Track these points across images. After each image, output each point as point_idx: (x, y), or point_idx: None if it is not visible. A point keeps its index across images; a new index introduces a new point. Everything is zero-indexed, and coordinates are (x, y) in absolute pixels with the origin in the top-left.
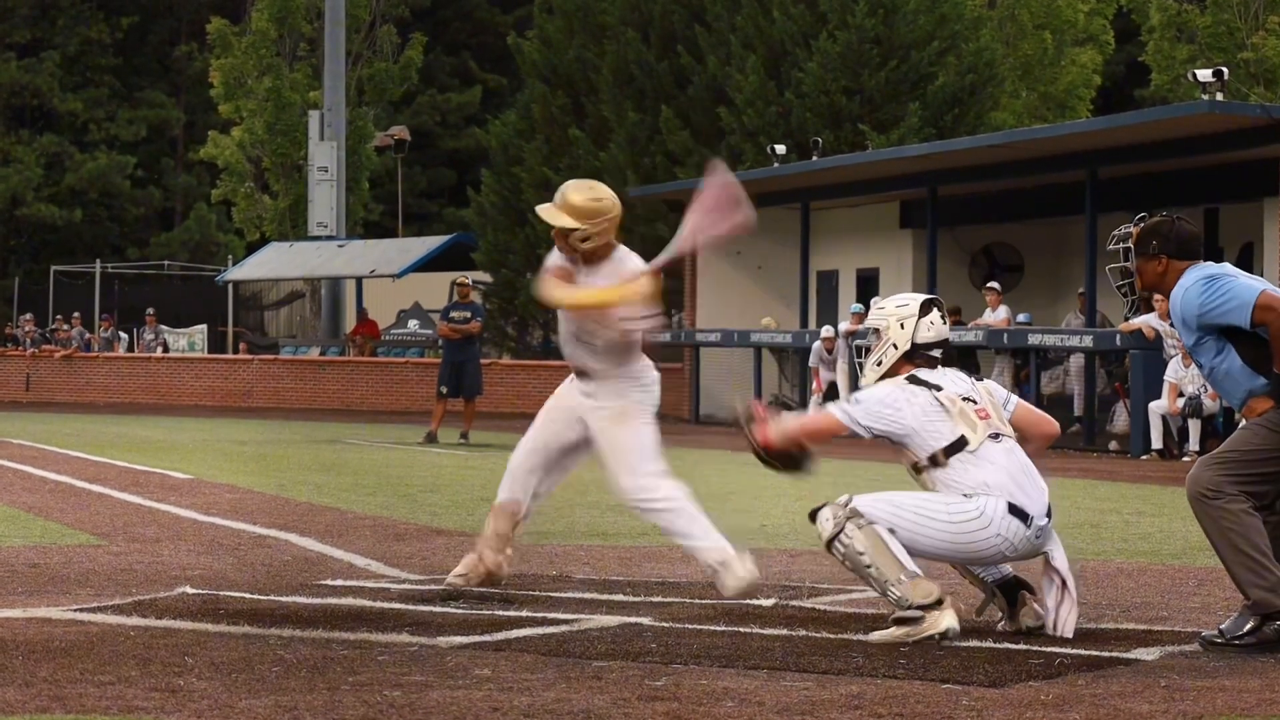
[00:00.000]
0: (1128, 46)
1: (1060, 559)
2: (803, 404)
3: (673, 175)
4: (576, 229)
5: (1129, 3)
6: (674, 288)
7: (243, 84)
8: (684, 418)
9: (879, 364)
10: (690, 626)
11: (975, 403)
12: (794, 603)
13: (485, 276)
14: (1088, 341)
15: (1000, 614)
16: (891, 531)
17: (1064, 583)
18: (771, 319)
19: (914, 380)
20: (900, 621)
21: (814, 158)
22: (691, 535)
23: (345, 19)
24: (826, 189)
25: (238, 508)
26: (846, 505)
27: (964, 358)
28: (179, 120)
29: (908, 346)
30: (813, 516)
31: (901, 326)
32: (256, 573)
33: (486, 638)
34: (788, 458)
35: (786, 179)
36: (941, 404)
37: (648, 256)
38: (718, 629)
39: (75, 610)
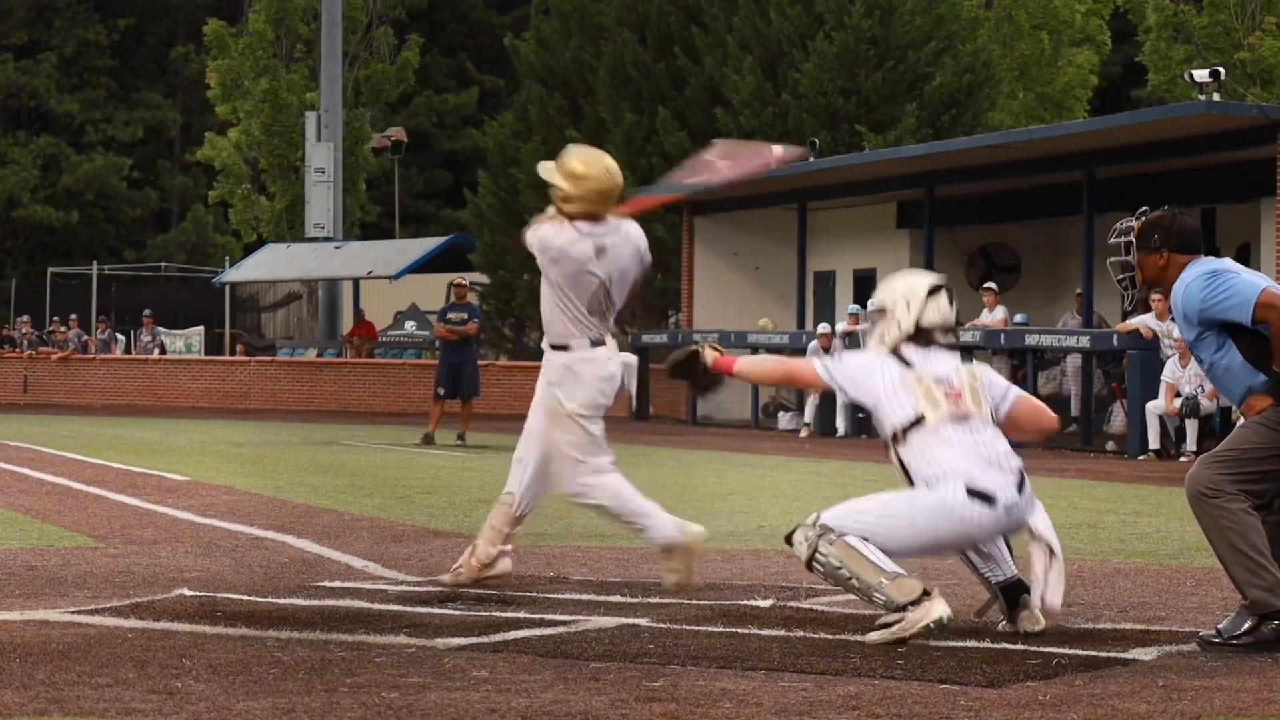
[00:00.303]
0: (1124, 47)
1: (1043, 525)
2: (800, 405)
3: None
4: (557, 187)
5: (1126, 3)
6: (670, 288)
7: (239, 85)
8: (681, 419)
9: (881, 341)
10: (688, 627)
11: (950, 384)
12: (791, 604)
13: (482, 278)
14: (1084, 342)
15: (1002, 616)
16: (866, 539)
17: (1050, 549)
18: (768, 320)
19: (893, 354)
20: (890, 622)
21: (811, 159)
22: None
23: (342, 20)
24: (823, 190)
25: (235, 509)
26: (815, 524)
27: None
28: (175, 122)
29: (911, 329)
30: (789, 540)
31: (908, 307)
32: (254, 574)
33: (484, 639)
34: (708, 379)
35: (783, 180)
36: (908, 381)
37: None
38: (715, 630)
39: (73, 612)
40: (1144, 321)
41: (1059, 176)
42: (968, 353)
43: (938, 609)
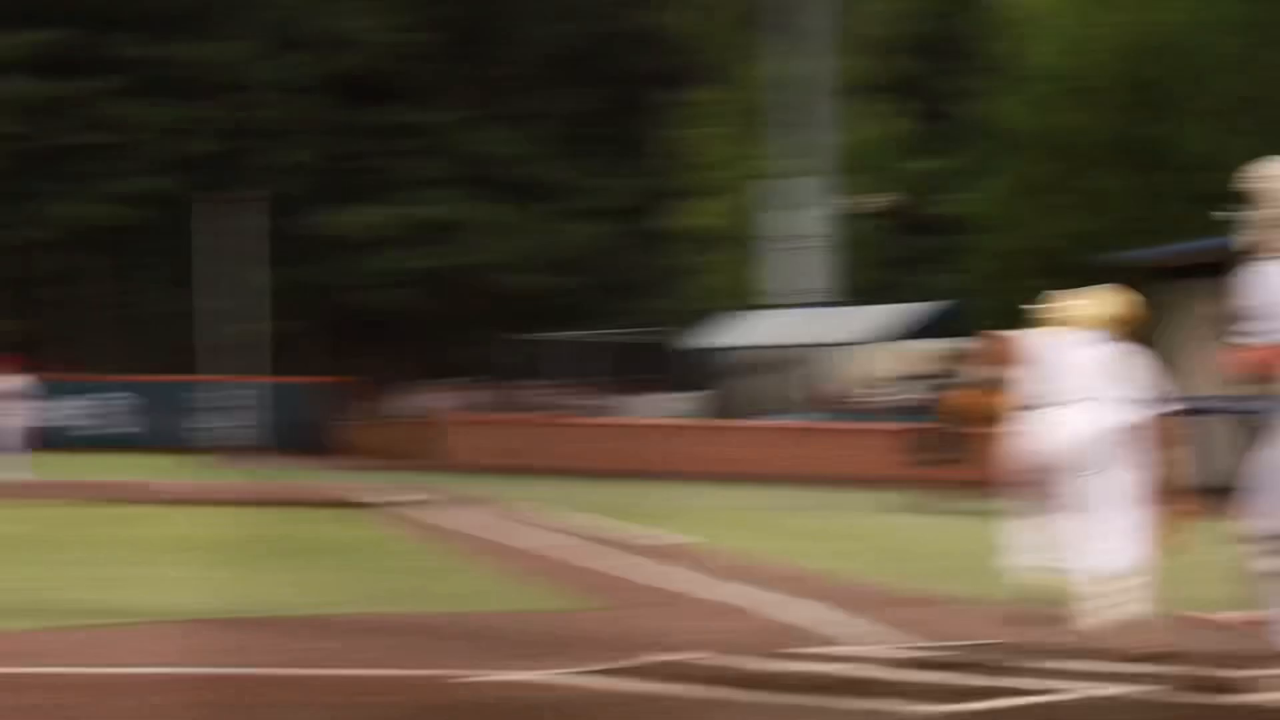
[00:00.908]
0: None
1: None
2: None
3: (1167, 241)
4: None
5: None
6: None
7: (726, 152)
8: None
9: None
10: (1164, 698)
11: None
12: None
13: (975, 344)
14: None
15: None
16: None
17: None
18: None
19: None
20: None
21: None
22: None
23: (830, 87)
24: None
25: (739, 572)
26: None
27: None
28: (662, 188)
29: None
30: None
31: None
32: (758, 637)
33: (965, 707)
34: None
35: None
36: None
37: None
38: (1191, 699)
39: (572, 674)
40: None
41: None
42: None
43: None
